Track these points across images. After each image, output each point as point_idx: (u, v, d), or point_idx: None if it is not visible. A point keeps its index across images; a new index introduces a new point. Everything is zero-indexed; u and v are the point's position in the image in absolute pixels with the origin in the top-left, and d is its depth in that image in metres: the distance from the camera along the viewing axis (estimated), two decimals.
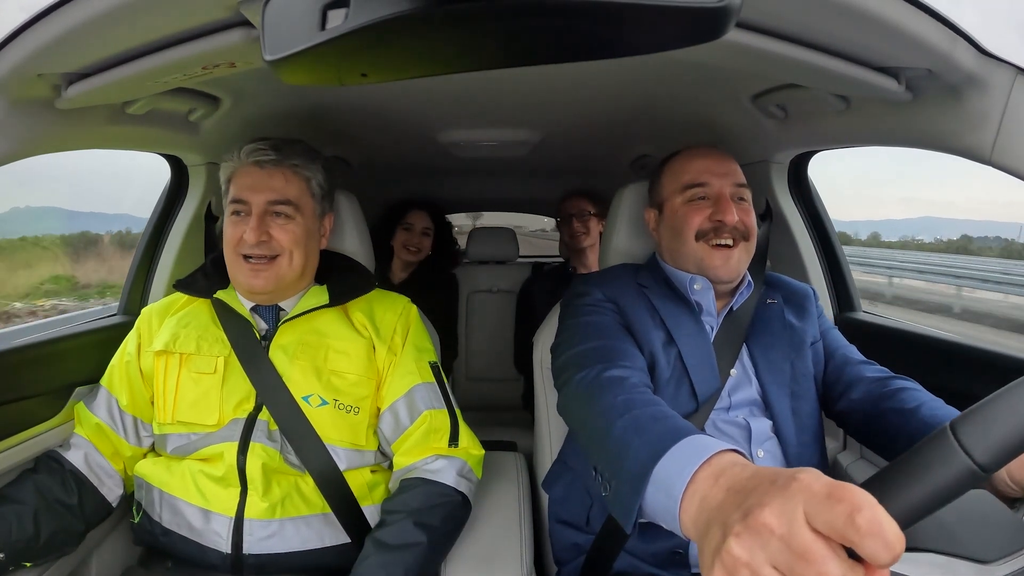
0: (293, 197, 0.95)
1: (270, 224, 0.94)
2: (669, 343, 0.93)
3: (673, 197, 1.00)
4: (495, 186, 2.34)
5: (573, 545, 1.00)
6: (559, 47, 0.42)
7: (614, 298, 0.97)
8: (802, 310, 1.03)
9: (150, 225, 1.29)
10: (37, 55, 0.63)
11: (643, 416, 0.63)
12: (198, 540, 0.89)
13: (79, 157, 1.02)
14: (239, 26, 0.60)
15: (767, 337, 0.98)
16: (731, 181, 0.96)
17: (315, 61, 0.41)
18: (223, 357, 0.95)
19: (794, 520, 0.36)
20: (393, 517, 0.89)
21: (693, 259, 0.96)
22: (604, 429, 0.66)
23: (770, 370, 0.95)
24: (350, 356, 0.97)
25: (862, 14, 0.59)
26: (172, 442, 0.94)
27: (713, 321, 0.98)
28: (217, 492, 0.90)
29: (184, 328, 0.98)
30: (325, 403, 0.94)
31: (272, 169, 0.95)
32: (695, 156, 1.00)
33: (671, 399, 0.90)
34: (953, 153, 0.79)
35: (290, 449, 0.92)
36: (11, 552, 0.83)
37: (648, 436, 0.58)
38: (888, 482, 0.42)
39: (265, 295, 0.98)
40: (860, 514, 0.33)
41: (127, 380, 0.99)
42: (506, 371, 2.33)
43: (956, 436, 0.41)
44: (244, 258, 0.94)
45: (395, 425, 0.98)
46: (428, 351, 1.06)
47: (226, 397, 0.93)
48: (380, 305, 1.05)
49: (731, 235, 0.93)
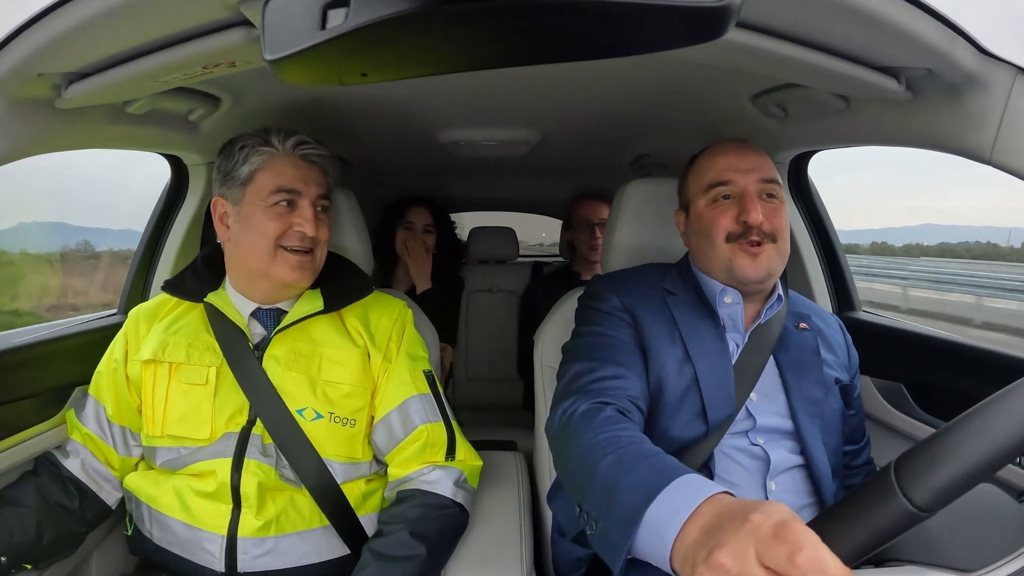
0: (328, 192, 0.97)
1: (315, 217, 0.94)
2: (685, 361, 0.88)
3: (697, 198, 0.94)
4: (495, 186, 2.34)
5: (575, 560, 0.99)
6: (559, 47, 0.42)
7: (632, 307, 0.92)
8: (836, 343, 0.98)
9: (150, 225, 1.29)
10: (37, 55, 0.63)
11: (629, 456, 0.62)
12: (190, 558, 0.87)
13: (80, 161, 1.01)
14: (239, 26, 0.60)
15: (800, 363, 0.92)
16: (757, 177, 0.89)
17: (315, 61, 0.41)
18: (215, 367, 0.91)
19: (746, 560, 0.40)
20: (391, 528, 0.88)
21: (722, 263, 0.90)
22: (588, 467, 0.64)
23: (802, 398, 0.89)
24: (345, 366, 0.94)
25: (862, 14, 0.59)
26: (161, 455, 0.91)
27: (739, 339, 0.92)
28: (208, 509, 0.87)
29: (174, 335, 0.94)
30: (320, 417, 0.91)
31: (317, 163, 0.95)
32: (718, 152, 0.94)
33: (680, 421, 0.86)
34: (953, 153, 0.79)
35: (285, 464, 0.89)
36: (12, 555, 0.82)
37: (637, 477, 0.57)
38: (832, 521, 0.44)
39: (294, 291, 0.97)
40: (801, 553, 0.37)
41: (113, 388, 0.95)
42: (506, 371, 2.33)
43: (897, 477, 0.42)
44: (286, 250, 0.91)
45: (388, 437, 0.96)
46: (422, 359, 1.02)
47: (218, 410, 0.90)
48: (375, 310, 1.02)
49: (758, 236, 0.87)
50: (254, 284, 0.95)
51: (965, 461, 0.41)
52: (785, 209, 0.92)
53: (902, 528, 0.41)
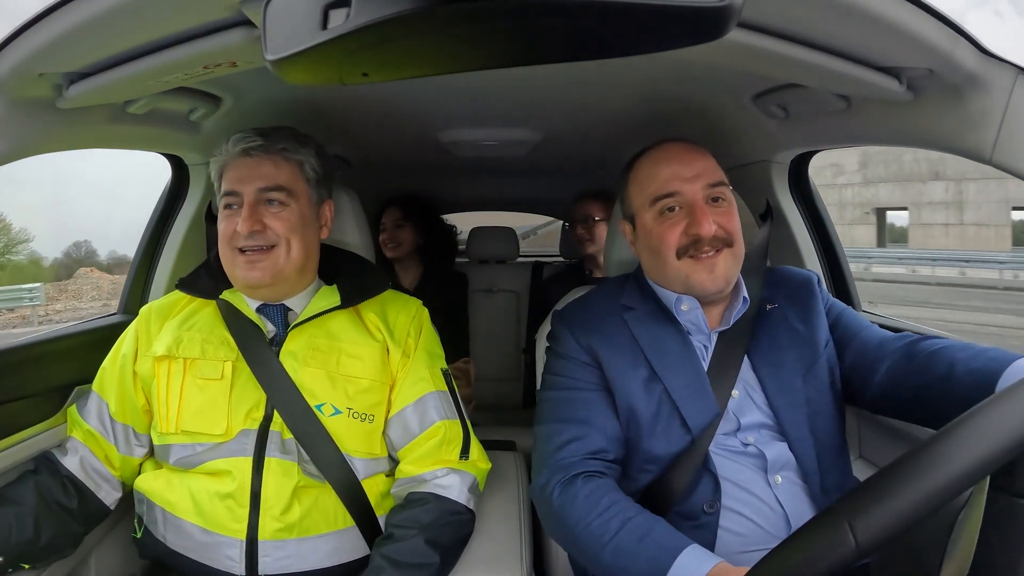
0: (284, 182, 0.91)
1: (263, 213, 0.89)
2: (652, 379, 0.87)
3: (643, 211, 0.91)
4: (496, 186, 2.34)
5: (570, 559, 0.99)
6: (560, 46, 0.42)
7: (589, 343, 0.90)
8: (807, 308, 0.93)
9: (151, 224, 1.29)
10: (38, 55, 0.63)
11: (626, 541, 0.74)
12: (209, 563, 0.85)
13: None
14: (240, 25, 0.60)
15: (773, 353, 0.89)
16: (703, 183, 0.87)
17: (316, 61, 0.41)
18: (230, 362, 0.90)
19: None
20: (404, 532, 0.86)
21: (678, 279, 0.88)
22: (593, 554, 0.76)
23: (781, 391, 0.87)
24: (364, 360, 0.93)
25: (863, 14, 0.59)
26: (175, 453, 0.89)
27: (706, 340, 0.90)
28: (226, 512, 0.85)
29: (187, 331, 0.93)
30: (339, 412, 0.90)
31: (261, 156, 0.91)
32: (661, 161, 0.90)
33: (661, 436, 0.85)
34: (954, 153, 0.79)
35: (307, 459, 0.88)
36: (10, 554, 0.82)
37: (639, 564, 0.71)
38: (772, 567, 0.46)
39: (265, 289, 0.93)
40: None
41: (118, 384, 0.94)
42: (506, 371, 2.33)
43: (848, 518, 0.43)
44: (240, 251, 0.90)
45: (403, 432, 0.94)
46: (440, 357, 1.02)
47: (235, 405, 0.88)
48: (393, 307, 1.01)
49: (711, 246, 0.86)
50: (236, 285, 0.96)
51: (904, 501, 0.41)
52: (734, 208, 0.90)
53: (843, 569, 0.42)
